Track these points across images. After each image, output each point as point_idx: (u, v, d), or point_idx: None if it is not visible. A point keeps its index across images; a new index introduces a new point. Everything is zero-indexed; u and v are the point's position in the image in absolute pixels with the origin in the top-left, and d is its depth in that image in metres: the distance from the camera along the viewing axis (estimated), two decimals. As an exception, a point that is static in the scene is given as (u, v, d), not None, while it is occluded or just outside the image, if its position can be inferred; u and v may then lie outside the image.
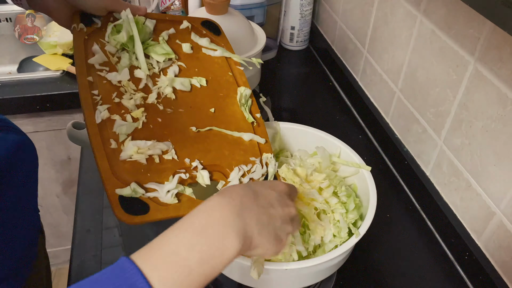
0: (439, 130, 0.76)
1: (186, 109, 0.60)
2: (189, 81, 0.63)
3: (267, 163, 0.60)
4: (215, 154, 0.58)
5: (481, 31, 0.62)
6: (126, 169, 0.51)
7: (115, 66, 0.59)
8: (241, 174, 0.57)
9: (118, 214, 0.47)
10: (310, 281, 0.59)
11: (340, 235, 0.59)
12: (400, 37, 0.84)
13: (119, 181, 0.49)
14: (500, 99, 0.60)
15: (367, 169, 0.64)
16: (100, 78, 0.57)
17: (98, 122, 0.53)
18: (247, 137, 0.61)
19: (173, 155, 0.54)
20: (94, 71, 0.57)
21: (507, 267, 0.64)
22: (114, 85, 0.57)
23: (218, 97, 0.64)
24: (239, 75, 0.67)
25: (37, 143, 1.17)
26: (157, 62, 0.62)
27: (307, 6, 1.20)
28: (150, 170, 0.52)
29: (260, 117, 0.65)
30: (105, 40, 0.60)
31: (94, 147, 0.51)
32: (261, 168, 0.59)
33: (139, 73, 0.60)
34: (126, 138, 0.53)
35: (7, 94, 1.03)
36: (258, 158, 0.60)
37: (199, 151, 0.57)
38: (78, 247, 0.71)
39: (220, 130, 0.60)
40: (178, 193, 0.51)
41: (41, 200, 1.31)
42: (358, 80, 1.05)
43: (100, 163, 0.50)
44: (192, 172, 0.54)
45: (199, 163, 0.55)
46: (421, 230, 0.79)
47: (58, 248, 1.48)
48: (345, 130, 1.01)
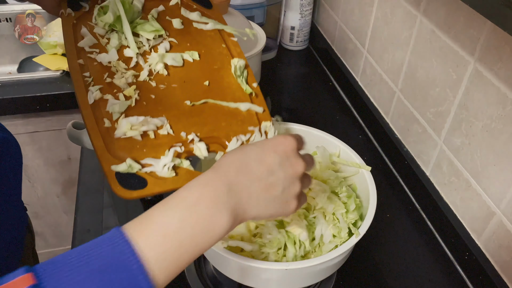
0: (439, 130, 0.76)
1: (179, 84, 0.60)
2: (181, 56, 0.62)
3: (266, 132, 0.59)
4: (212, 126, 0.57)
5: (481, 31, 0.62)
6: (121, 146, 0.51)
7: (105, 48, 0.60)
8: (239, 144, 0.56)
9: (115, 190, 0.47)
10: (310, 281, 0.59)
11: (340, 235, 0.59)
12: (400, 37, 0.84)
13: (115, 158, 0.49)
14: (500, 99, 0.60)
15: (367, 169, 0.64)
16: (90, 61, 0.58)
17: (91, 103, 0.53)
18: (244, 107, 0.60)
19: (168, 130, 0.54)
20: (84, 54, 0.58)
21: (507, 267, 0.64)
22: (105, 66, 0.58)
23: (212, 70, 0.63)
24: (233, 46, 0.66)
25: (37, 143, 1.17)
26: (147, 40, 0.62)
27: (307, 6, 1.20)
28: (145, 146, 0.52)
29: (257, 86, 0.63)
30: (93, 22, 0.61)
31: (88, 127, 0.51)
32: (260, 137, 0.58)
33: (128, 52, 0.60)
34: (120, 116, 0.53)
35: (7, 94, 1.03)
36: (257, 127, 0.59)
37: (195, 125, 0.56)
38: (78, 247, 0.71)
39: (215, 102, 0.59)
40: (176, 166, 0.51)
41: (41, 200, 1.31)
42: (358, 80, 1.05)
43: (95, 142, 0.50)
44: (189, 146, 0.54)
45: (196, 136, 0.55)
46: (421, 230, 0.79)
47: (58, 248, 1.48)
48: (345, 130, 1.01)
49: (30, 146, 1.17)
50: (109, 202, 0.79)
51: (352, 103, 1.08)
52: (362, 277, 0.70)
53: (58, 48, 1.13)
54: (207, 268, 0.68)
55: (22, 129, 1.12)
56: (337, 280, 0.68)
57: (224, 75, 0.63)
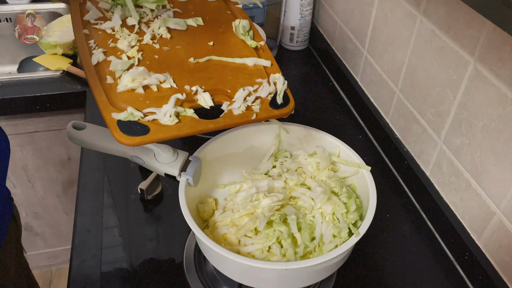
0: (439, 130, 0.76)
1: (183, 45, 0.60)
2: (184, 21, 0.62)
3: (275, 83, 0.58)
4: (217, 80, 0.56)
5: (481, 31, 0.62)
6: (123, 99, 0.51)
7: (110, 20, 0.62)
8: (246, 93, 0.55)
9: (117, 137, 0.47)
10: (310, 281, 0.59)
11: (340, 235, 0.59)
12: (400, 37, 0.84)
13: (116, 109, 0.50)
14: (500, 99, 0.60)
15: (367, 169, 0.64)
16: (95, 30, 0.60)
17: (94, 64, 0.54)
18: (251, 62, 0.59)
19: (172, 83, 0.54)
20: (90, 26, 0.60)
21: (507, 267, 0.64)
22: (109, 33, 0.59)
23: (217, 33, 0.62)
24: (238, 12, 0.66)
25: (37, 143, 1.17)
26: (150, 10, 0.63)
27: (307, 6, 1.20)
28: (148, 98, 0.52)
29: (264, 44, 0.62)
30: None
31: (91, 85, 0.52)
32: (268, 86, 0.57)
33: (131, 21, 0.61)
34: (122, 73, 0.54)
35: (7, 94, 1.03)
36: (265, 79, 0.58)
37: (199, 79, 0.56)
38: (78, 247, 0.71)
39: (220, 58, 0.58)
40: (180, 115, 0.51)
41: (41, 200, 1.31)
42: (358, 80, 1.05)
43: (98, 97, 0.51)
44: (193, 97, 0.54)
45: (200, 87, 0.54)
46: (421, 230, 0.79)
47: (58, 248, 1.49)
48: (345, 130, 1.01)
49: (30, 146, 1.17)
50: (109, 202, 0.79)
51: (352, 103, 1.08)
52: (362, 277, 0.71)
53: (58, 48, 1.13)
54: (207, 268, 0.68)
55: (22, 129, 1.12)
56: (337, 280, 0.68)
57: (229, 36, 0.62)
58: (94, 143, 0.62)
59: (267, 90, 0.56)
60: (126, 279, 0.68)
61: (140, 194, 0.78)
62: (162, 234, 0.74)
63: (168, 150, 0.60)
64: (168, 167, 0.60)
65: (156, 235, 0.74)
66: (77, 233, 0.73)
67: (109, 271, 0.68)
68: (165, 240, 0.73)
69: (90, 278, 0.67)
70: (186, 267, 0.68)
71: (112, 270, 0.69)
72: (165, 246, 0.73)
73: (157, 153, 0.61)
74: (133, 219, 0.76)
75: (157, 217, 0.77)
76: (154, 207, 0.79)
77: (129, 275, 0.68)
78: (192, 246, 0.71)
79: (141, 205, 0.78)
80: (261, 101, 0.55)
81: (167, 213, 0.77)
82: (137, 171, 0.84)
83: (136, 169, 0.84)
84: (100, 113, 0.50)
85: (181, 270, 0.68)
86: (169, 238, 0.74)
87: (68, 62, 1.12)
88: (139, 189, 0.77)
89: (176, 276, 0.68)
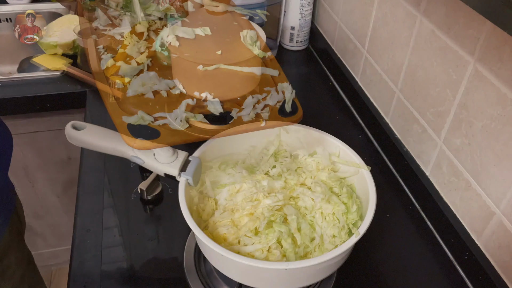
0: (439, 130, 0.76)
1: (191, 54, 0.60)
2: (193, 30, 0.63)
3: (283, 91, 0.59)
4: (226, 87, 0.57)
5: (481, 31, 0.62)
6: (133, 103, 0.52)
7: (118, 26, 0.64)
8: (255, 101, 0.56)
9: (127, 140, 0.48)
10: (310, 281, 0.59)
11: (340, 235, 0.59)
12: (400, 37, 0.84)
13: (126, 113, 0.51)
14: (500, 99, 0.60)
15: (367, 169, 0.64)
16: (105, 37, 0.62)
17: (103, 69, 0.56)
18: (259, 71, 0.59)
19: (181, 89, 0.54)
20: (99, 31, 0.62)
21: (507, 267, 0.64)
22: (118, 40, 0.61)
23: (225, 42, 0.62)
24: (245, 24, 0.66)
25: (37, 143, 1.17)
26: (159, 18, 0.65)
27: (307, 6, 1.20)
28: (158, 103, 0.53)
29: (271, 55, 0.63)
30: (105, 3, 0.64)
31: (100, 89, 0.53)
32: (277, 95, 0.58)
33: (140, 28, 0.62)
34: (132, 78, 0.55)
35: (7, 94, 1.03)
36: (273, 87, 0.59)
37: (208, 87, 0.56)
38: (78, 247, 0.71)
39: (228, 67, 0.59)
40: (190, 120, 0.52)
41: (41, 200, 1.31)
42: (358, 80, 1.05)
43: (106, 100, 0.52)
44: (202, 104, 0.54)
45: (209, 94, 0.55)
46: (421, 230, 0.79)
47: (58, 248, 1.49)
48: (345, 130, 1.01)
49: (30, 146, 1.17)
50: (109, 202, 0.79)
51: (352, 103, 1.08)
52: (362, 277, 0.71)
53: (58, 48, 1.13)
54: (207, 268, 0.68)
55: (22, 129, 1.12)
56: (337, 280, 0.69)
57: (237, 45, 0.62)
58: (93, 143, 0.62)
59: (275, 98, 0.58)
60: (126, 279, 0.68)
61: (140, 194, 0.78)
62: (162, 234, 0.74)
63: (168, 150, 0.60)
64: (168, 167, 0.60)
65: (156, 235, 0.74)
66: (77, 233, 0.73)
67: (109, 271, 0.68)
68: (165, 240, 0.73)
69: (90, 278, 0.67)
70: (186, 267, 0.68)
71: (112, 270, 0.69)
72: (165, 246, 0.73)
73: (157, 153, 0.61)
74: (133, 219, 0.76)
75: (157, 217, 0.77)
76: (154, 207, 0.79)
77: (129, 275, 0.68)
78: (192, 246, 0.71)
79: (141, 205, 0.78)
80: (270, 108, 0.56)
81: (167, 213, 0.77)
82: (137, 171, 0.84)
83: (136, 169, 0.84)
84: (101, 114, 0.50)
85: (181, 270, 0.68)
86: (169, 238, 0.74)
87: (69, 62, 1.12)
88: (139, 189, 0.77)
89: (176, 276, 0.68)
